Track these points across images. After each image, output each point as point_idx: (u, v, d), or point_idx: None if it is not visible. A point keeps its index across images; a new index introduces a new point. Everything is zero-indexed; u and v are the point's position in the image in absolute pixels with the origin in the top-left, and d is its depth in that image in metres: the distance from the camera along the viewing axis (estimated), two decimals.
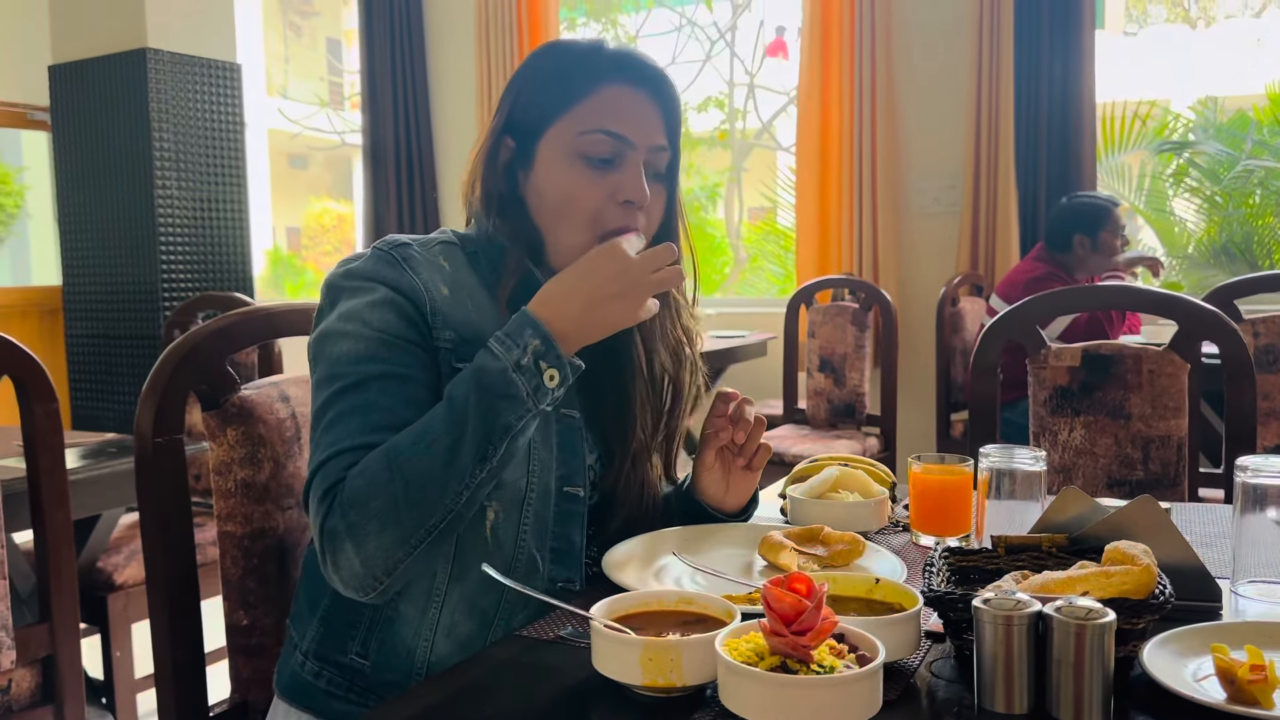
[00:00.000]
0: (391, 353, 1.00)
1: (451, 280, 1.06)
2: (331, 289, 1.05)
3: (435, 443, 0.92)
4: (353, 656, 1.05)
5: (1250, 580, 1.02)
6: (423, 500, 0.91)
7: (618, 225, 1.06)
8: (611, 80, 1.07)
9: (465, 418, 0.92)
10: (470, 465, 0.91)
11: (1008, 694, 0.76)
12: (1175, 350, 1.78)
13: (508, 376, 0.93)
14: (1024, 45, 3.87)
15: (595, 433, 1.17)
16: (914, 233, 4.18)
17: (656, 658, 0.76)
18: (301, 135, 7.24)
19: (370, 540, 0.91)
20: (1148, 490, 1.81)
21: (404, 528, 0.91)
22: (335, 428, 0.97)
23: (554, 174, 1.07)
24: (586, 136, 1.06)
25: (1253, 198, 4.63)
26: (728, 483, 1.21)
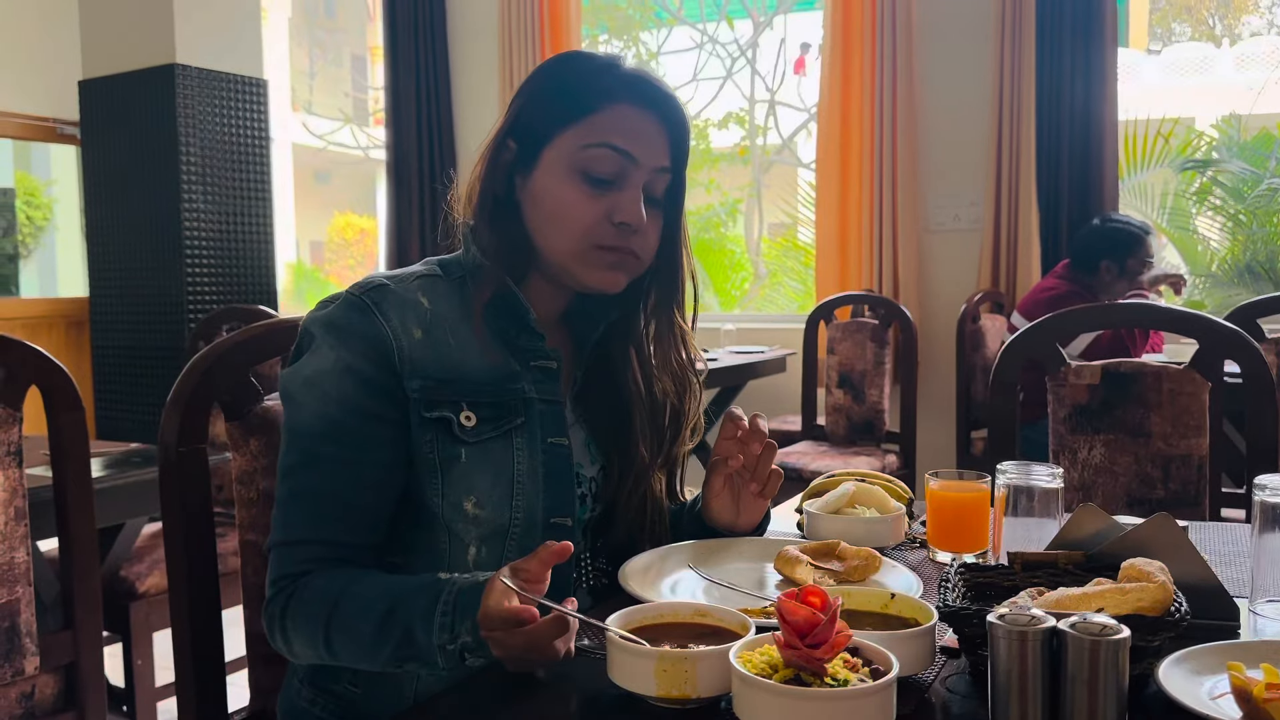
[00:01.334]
0: (344, 435, 1.02)
1: (429, 319, 1.06)
2: (306, 334, 1.07)
3: (360, 633, 0.95)
4: (346, 685, 1.07)
5: (1269, 599, 1.01)
6: (340, 657, 0.98)
7: (611, 243, 1.07)
8: (622, 99, 1.08)
9: (388, 640, 0.93)
10: (380, 667, 0.96)
11: (1021, 710, 0.76)
12: (1196, 369, 1.77)
13: (430, 649, 0.91)
14: (1046, 62, 3.87)
15: (598, 444, 1.17)
16: (934, 249, 4.17)
17: (671, 669, 0.77)
18: (326, 150, 7.31)
19: (297, 645, 1.00)
20: (1168, 509, 1.80)
21: (324, 659, 0.99)
22: (289, 509, 1.02)
23: (553, 183, 1.07)
24: (591, 150, 1.06)
25: (1276, 217, 4.59)
26: (738, 508, 1.20)
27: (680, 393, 1.19)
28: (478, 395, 1.05)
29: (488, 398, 1.06)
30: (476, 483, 1.04)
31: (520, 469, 1.06)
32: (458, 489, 1.04)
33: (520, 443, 1.07)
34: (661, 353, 1.16)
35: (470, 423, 1.04)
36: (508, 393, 1.07)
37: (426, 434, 1.03)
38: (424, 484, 1.04)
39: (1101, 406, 1.83)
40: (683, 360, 1.18)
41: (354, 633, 0.95)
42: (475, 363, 1.06)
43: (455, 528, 1.05)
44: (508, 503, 1.05)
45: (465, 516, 1.04)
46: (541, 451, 1.08)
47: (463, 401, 1.04)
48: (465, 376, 1.05)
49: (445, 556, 1.06)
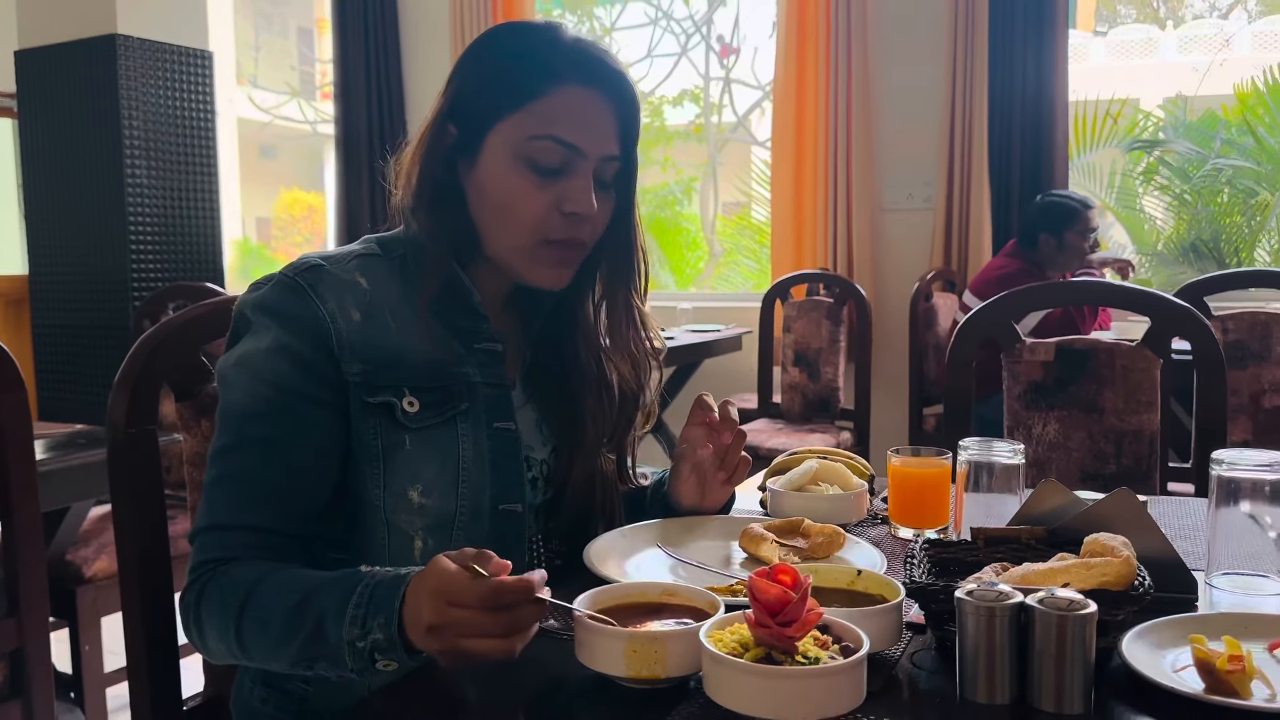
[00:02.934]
0: (277, 415, 0.97)
1: (368, 301, 1.02)
2: (240, 317, 1.03)
3: (271, 625, 0.89)
4: (298, 684, 1.05)
5: (1224, 572, 1.03)
6: (251, 653, 0.92)
7: (560, 236, 1.03)
8: (568, 80, 1.01)
9: (297, 633, 0.88)
10: (289, 665, 0.90)
11: (989, 685, 0.77)
12: (1148, 346, 1.80)
13: (339, 646, 0.85)
14: (998, 44, 3.89)
15: (549, 425, 1.14)
16: (888, 228, 4.20)
17: (641, 650, 0.76)
18: (272, 125, 7.15)
19: (210, 639, 0.95)
20: (1119, 483, 1.83)
21: (236, 655, 0.94)
22: (217, 491, 0.97)
23: (498, 174, 1.02)
24: (537, 143, 1.01)
25: (1221, 196, 4.69)
26: (703, 493, 1.18)
27: (636, 376, 1.16)
28: (419, 380, 1.02)
29: (430, 383, 1.02)
30: (421, 471, 1.01)
31: (465, 455, 1.03)
32: (401, 478, 1.00)
33: (465, 429, 1.03)
34: (617, 336, 1.13)
35: (413, 409, 1.01)
36: (450, 377, 1.04)
37: (369, 421, 1.00)
38: (364, 475, 1.00)
39: (1056, 383, 1.85)
40: (640, 343, 1.15)
41: (264, 625, 0.89)
42: (416, 346, 1.02)
43: (398, 520, 1.01)
44: (454, 490, 1.02)
45: (410, 506, 1.00)
46: (487, 437, 1.04)
47: (404, 387, 1.01)
48: (406, 361, 1.01)
49: (386, 553, 1.02)
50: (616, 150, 1.05)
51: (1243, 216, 4.67)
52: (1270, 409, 2.55)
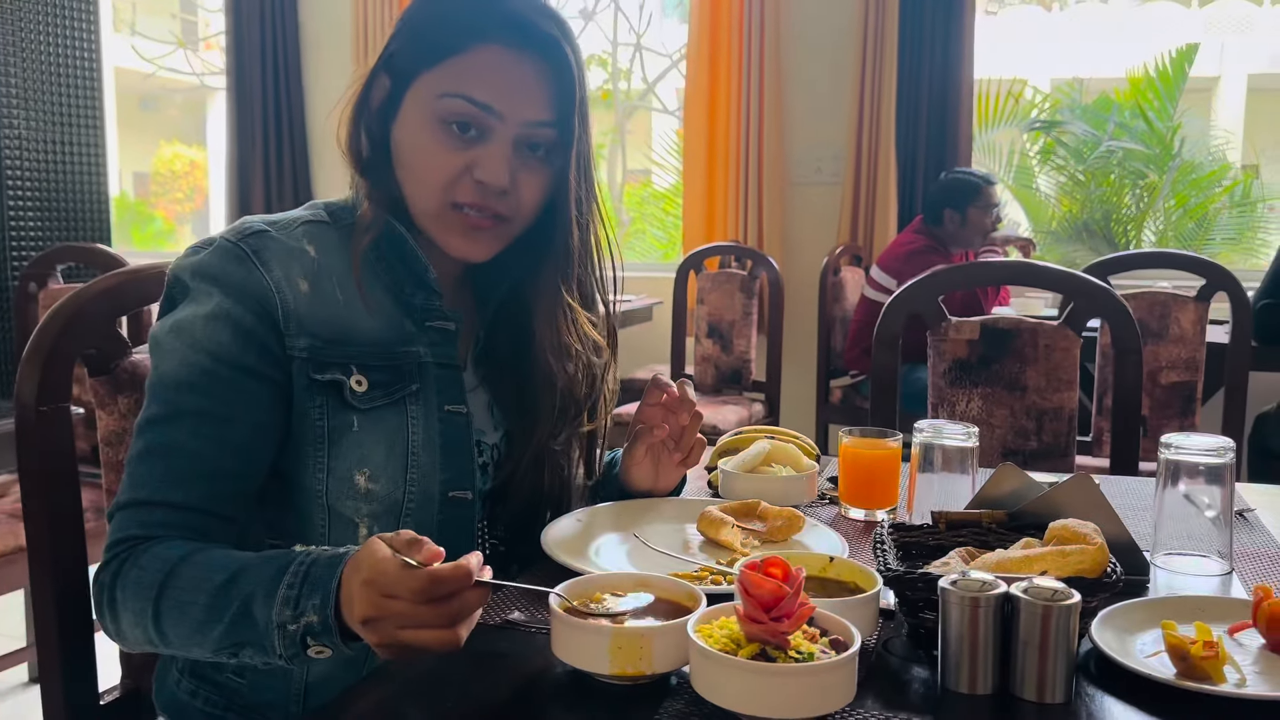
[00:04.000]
0: (214, 386, 0.91)
1: (315, 270, 0.96)
2: (176, 283, 0.95)
3: (193, 609, 0.83)
4: (228, 675, 0.99)
5: (1169, 552, 1.06)
6: (169, 638, 0.86)
7: (469, 201, 0.96)
8: (493, 38, 0.95)
9: (222, 615, 0.82)
10: (211, 651, 0.84)
11: (972, 675, 0.76)
12: (1069, 326, 1.84)
13: (268, 628, 0.79)
14: (908, 23, 3.93)
15: (501, 409, 1.09)
16: (797, 202, 4.22)
17: (626, 646, 0.73)
18: (155, 76, 6.76)
19: (124, 623, 0.88)
20: (1040, 459, 1.88)
21: (152, 640, 0.87)
22: (141, 464, 0.90)
23: (413, 131, 0.96)
24: (447, 100, 0.94)
25: (1113, 176, 4.87)
26: (657, 474, 1.16)
27: (578, 375, 1.08)
28: (368, 358, 0.96)
29: (379, 361, 0.97)
30: (370, 454, 0.95)
31: (415, 439, 0.97)
32: (348, 461, 0.95)
33: (415, 410, 0.98)
34: (552, 333, 1.05)
35: (361, 388, 0.95)
36: (401, 356, 0.98)
37: (316, 399, 0.94)
38: (305, 458, 0.95)
39: (980, 361, 1.88)
40: (576, 342, 1.07)
41: (186, 607, 0.83)
42: (365, 322, 0.96)
43: (341, 506, 0.95)
44: (403, 476, 0.97)
45: (355, 492, 0.95)
46: (438, 420, 0.99)
47: (352, 364, 0.95)
48: (354, 337, 0.95)
49: (327, 540, 0.96)
50: (546, 116, 0.97)
51: (1131, 197, 4.87)
52: (1167, 385, 2.67)
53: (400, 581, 0.72)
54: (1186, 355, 2.68)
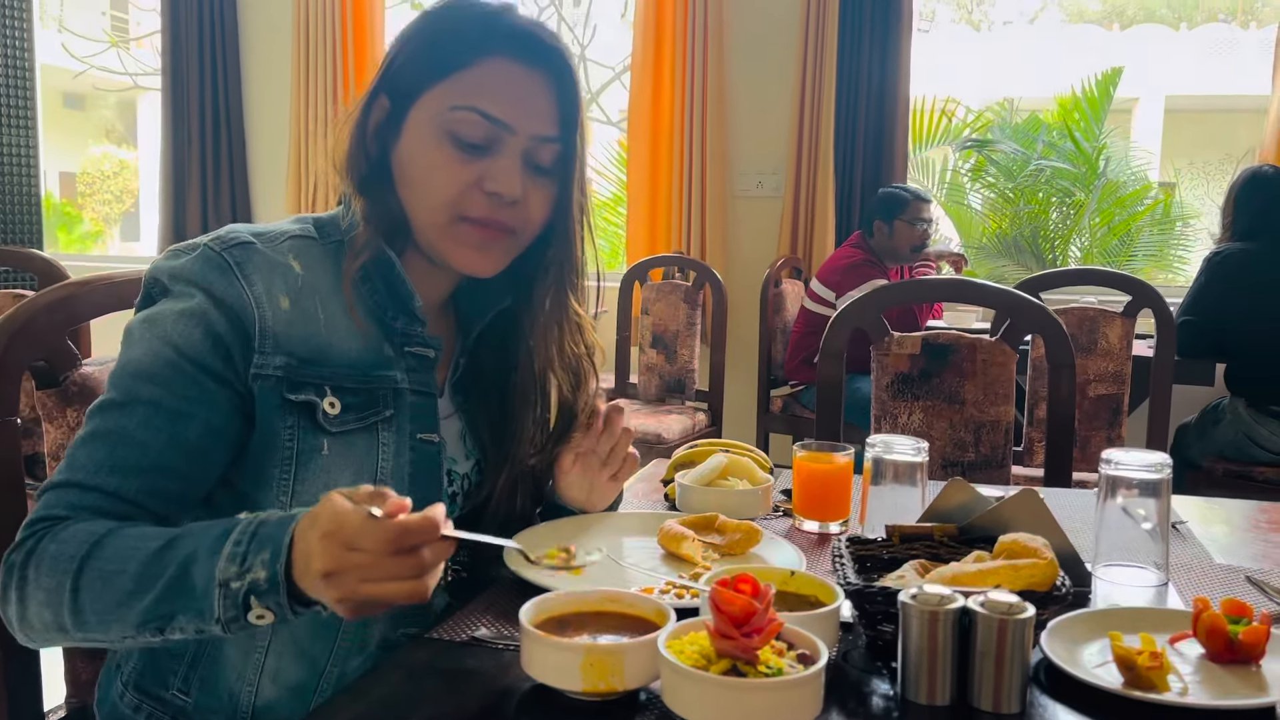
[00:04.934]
0: (175, 379, 0.89)
1: (298, 287, 0.94)
2: (155, 283, 0.94)
3: (121, 578, 0.80)
4: (174, 693, 0.96)
5: (1107, 564, 1.10)
6: (85, 616, 0.81)
7: (479, 214, 0.96)
8: (501, 53, 0.95)
9: (154, 583, 0.79)
10: (135, 626, 0.80)
11: (931, 686, 0.79)
12: (1006, 341, 1.90)
13: (209, 587, 0.77)
14: (847, 41, 4.01)
15: (474, 437, 1.08)
16: (739, 215, 4.27)
17: (598, 663, 0.74)
18: (82, 74, 6.59)
19: (32, 606, 0.83)
20: (978, 470, 1.94)
21: (63, 622, 0.82)
22: (85, 448, 0.87)
23: (419, 146, 0.96)
24: (459, 113, 0.94)
25: (1041, 194, 5.01)
26: (590, 487, 1.14)
27: (574, 385, 1.10)
28: (343, 379, 0.95)
29: (354, 383, 0.95)
30: (336, 479, 0.94)
31: (384, 467, 0.96)
32: (314, 486, 0.93)
33: (386, 437, 0.97)
34: (555, 342, 1.06)
35: (334, 410, 0.93)
36: (376, 380, 0.97)
37: (287, 420, 0.92)
38: (268, 479, 0.92)
39: (921, 375, 1.93)
40: (579, 350, 1.09)
41: (112, 578, 0.80)
42: (343, 343, 0.95)
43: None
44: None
45: None
46: (409, 449, 0.98)
47: (326, 385, 0.94)
48: (330, 358, 0.94)
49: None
50: (553, 131, 0.98)
51: (1058, 215, 5.02)
52: (1095, 397, 2.76)
53: (365, 533, 0.71)
54: (1114, 369, 2.78)
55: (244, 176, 4.68)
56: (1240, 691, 0.80)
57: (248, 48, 4.70)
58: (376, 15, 4.53)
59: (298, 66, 4.48)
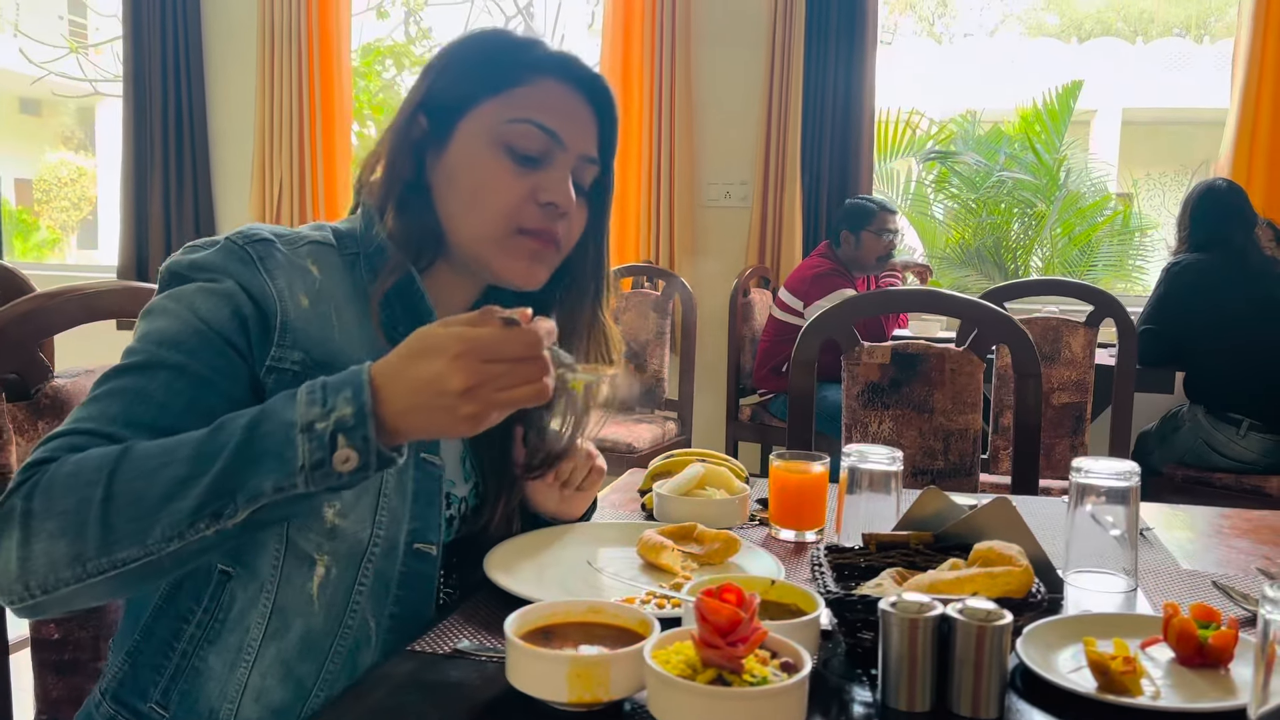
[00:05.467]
0: (202, 348, 0.88)
1: (317, 290, 0.95)
2: (174, 276, 0.93)
3: (169, 468, 0.77)
4: (151, 705, 0.94)
5: (1078, 570, 1.12)
6: (120, 523, 0.77)
7: (535, 225, 0.97)
8: (550, 73, 0.98)
9: (215, 456, 0.77)
10: (189, 514, 0.76)
11: (910, 693, 0.80)
12: (973, 351, 1.93)
13: (290, 435, 0.76)
14: (813, 55, 4.05)
15: (475, 460, 1.09)
16: (707, 224, 4.30)
17: (584, 674, 0.75)
18: (44, 80, 6.49)
19: (41, 540, 0.77)
20: (947, 478, 1.96)
21: (84, 545, 0.77)
22: (96, 404, 0.85)
23: (471, 158, 0.97)
24: (517, 126, 0.96)
25: (1003, 205, 5.09)
26: (560, 497, 1.15)
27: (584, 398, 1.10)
28: None
29: None
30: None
31: (388, 483, 0.96)
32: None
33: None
34: (579, 352, 1.07)
35: None
36: None
37: None
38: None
39: (891, 384, 1.95)
40: (604, 359, 1.10)
41: (156, 474, 0.76)
42: (356, 352, 0.95)
43: (303, 539, 0.92)
44: (370, 518, 0.95)
45: (321, 527, 0.92)
46: (413, 466, 0.98)
47: None
48: (343, 365, 0.91)
49: (278, 573, 0.92)
50: (596, 154, 1.01)
51: (1020, 225, 5.10)
52: (1059, 405, 2.80)
53: (506, 343, 0.76)
54: (1077, 377, 2.83)
55: (207, 183, 4.63)
56: (1210, 695, 0.82)
57: (211, 53, 4.65)
58: (343, 21, 4.50)
59: (262, 72, 4.44)
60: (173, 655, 0.93)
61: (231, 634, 0.92)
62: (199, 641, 0.92)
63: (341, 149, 4.53)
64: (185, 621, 0.93)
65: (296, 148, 4.42)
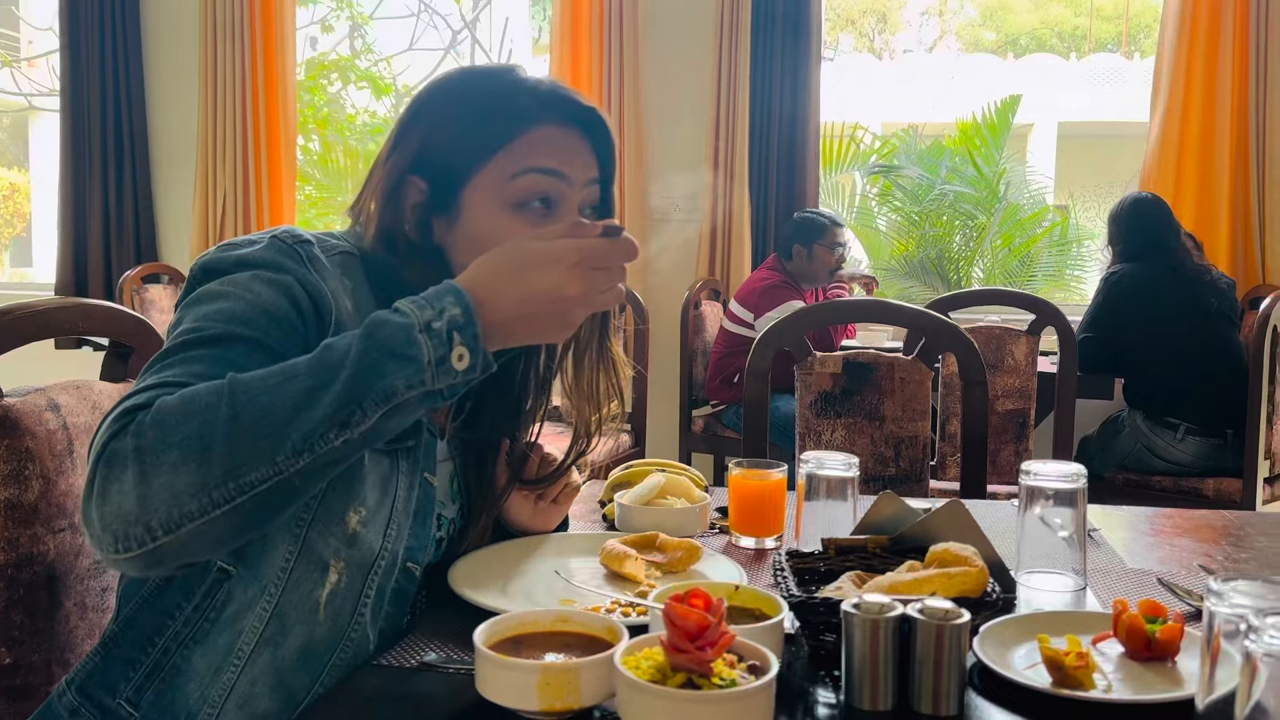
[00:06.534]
0: (272, 326, 0.87)
1: (353, 297, 0.95)
2: (212, 272, 0.91)
3: (291, 381, 0.77)
4: (120, 702, 0.91)
5: (1028, 571, 1.15)
6: (247, 441, 0.75)
7: None
8: (542, 120, 0.99)
9: (340, 365, 0.77)
10: (323, 421, 0.76)
11: (873, 692, 0.82)
12: (922, 359, 1.97)
13: (411, 335, 0.78)
14: (759, 72, 4.10)
15: (464, 482, 1.10)
16: (658, 238, 4.32)
17: (554, 681, 0.75)
18: None
19: (161, 473, 0.74)
20: (898, 484, 1.99)
21: (210, 470, 0.74)
22: (174, 368, 0.82)
23: (487, 226, 0.97)
24: (520, 179, 0.96)
25: (945, 218, 5.19)
26: (533, 511, 1.17)
27: (597, 418, 1.12)
28: None
29: None
30: (366, 494, 0.93)
31: (399, 498, 0.96)
32: (345, 496, 0.91)
33: (404, 467, 0.97)
34: (584, 379, 1.08)
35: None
36: None
37: None
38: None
39: (843, 393, 1.99)
40: (611, 385, 1.11)
41: (279, 389, 0.76)
42: None
43: (320, 543, 0.91)
44: (383, 530, 0.95)
45: (344, 531, 0.91)
46: (417, 485, 0.98)
47: None
48: None
49: (286, 577, 0.90)
50: (597, 174, 1.02)
51: (962, 237, 5.20)
52: (1003, 412, 2.86)
53: (614, 251, 0.83)
54: (1020, 385, 2.90)
55: (149, 198, 4.55)
56: (1159, 686, 0.85)
57: (152, 67, 4.58)
58: (287, 35, 4.46)
59: (205, 86, 4.38)
60: (151, 651, 0.91)
61: (222, 635, 0.90)
62: (184, 639, 0.90)
63: (287, 163, 4.49)
64: (171, 617, 0.91)
65: (240, 162, 4.36)
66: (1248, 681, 0.65)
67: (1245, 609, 0.67)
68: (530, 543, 1.15)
